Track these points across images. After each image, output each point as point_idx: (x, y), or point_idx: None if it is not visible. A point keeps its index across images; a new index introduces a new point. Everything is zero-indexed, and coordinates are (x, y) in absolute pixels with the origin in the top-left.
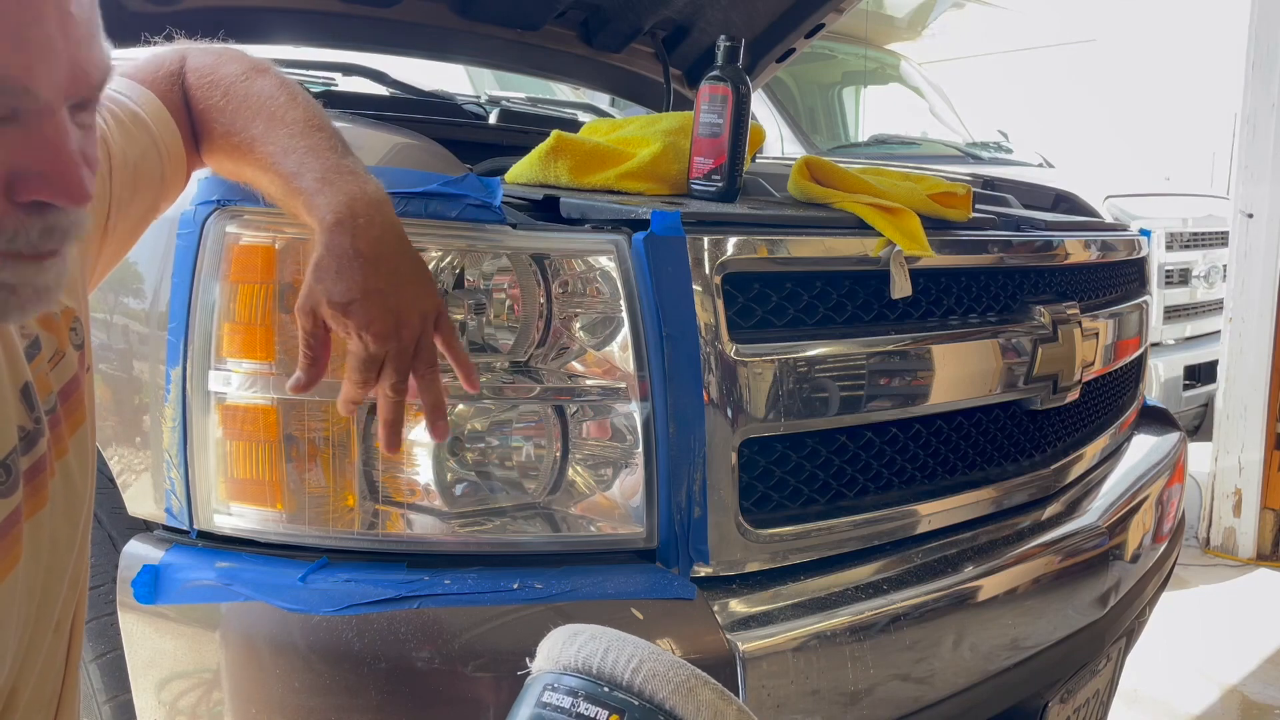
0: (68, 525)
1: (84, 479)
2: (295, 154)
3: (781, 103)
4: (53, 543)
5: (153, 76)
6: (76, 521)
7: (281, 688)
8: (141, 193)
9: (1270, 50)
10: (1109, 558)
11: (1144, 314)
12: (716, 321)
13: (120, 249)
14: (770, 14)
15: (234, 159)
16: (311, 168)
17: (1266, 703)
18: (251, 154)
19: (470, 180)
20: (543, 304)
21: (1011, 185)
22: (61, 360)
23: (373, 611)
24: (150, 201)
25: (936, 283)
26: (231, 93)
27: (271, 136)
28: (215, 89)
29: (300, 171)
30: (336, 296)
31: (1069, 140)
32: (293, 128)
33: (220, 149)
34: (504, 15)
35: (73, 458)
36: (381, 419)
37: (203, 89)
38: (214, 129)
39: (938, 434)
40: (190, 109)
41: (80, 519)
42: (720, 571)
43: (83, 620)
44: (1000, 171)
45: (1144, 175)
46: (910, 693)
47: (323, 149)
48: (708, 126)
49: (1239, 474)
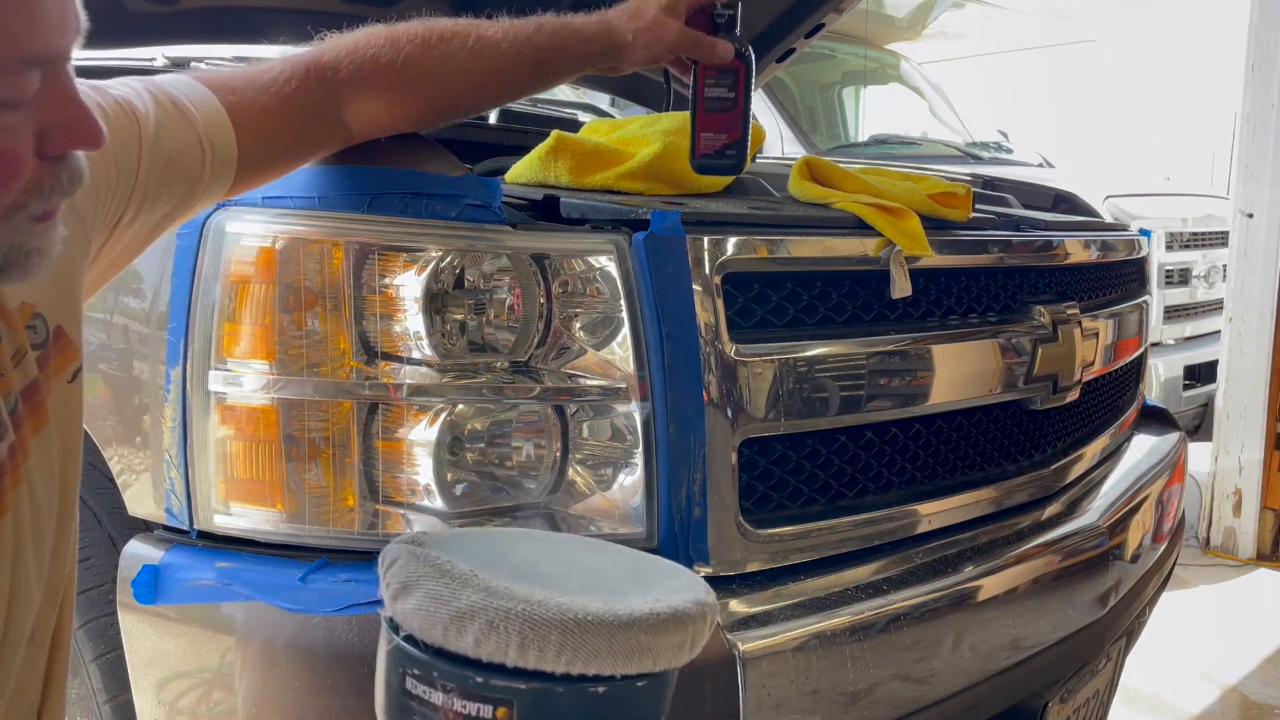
0: (34, 534)
1: (49, 486)
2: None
3: (781, 103)
4: (17, 553)
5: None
6: (44, 530)
7: (282, 687)
8: (172, 185)
9: (1270, 50)
10: (1109, 558)
11: (1144, 314)
12: (716, 321)
13: (137, 244)
14: (770, 14)
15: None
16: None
17: (1266, 703)
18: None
19: (470, 180)
20: (543, 304)
21: (1011, 185)
22: (23, 360)
23: (373, 611)
24: (180, 197)
25: (936, 283)
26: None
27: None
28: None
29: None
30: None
31: (1069, 140)
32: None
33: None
34: None
35: (35, 463)
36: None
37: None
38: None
39: (938, 434)
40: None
41: (48, 527)
42: (720, 571)
43: (67, 632)
44: (1000, 171)
45: (1144, 175)
46: (910, 693)
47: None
48: (717, 101)
49: (1239, 474)
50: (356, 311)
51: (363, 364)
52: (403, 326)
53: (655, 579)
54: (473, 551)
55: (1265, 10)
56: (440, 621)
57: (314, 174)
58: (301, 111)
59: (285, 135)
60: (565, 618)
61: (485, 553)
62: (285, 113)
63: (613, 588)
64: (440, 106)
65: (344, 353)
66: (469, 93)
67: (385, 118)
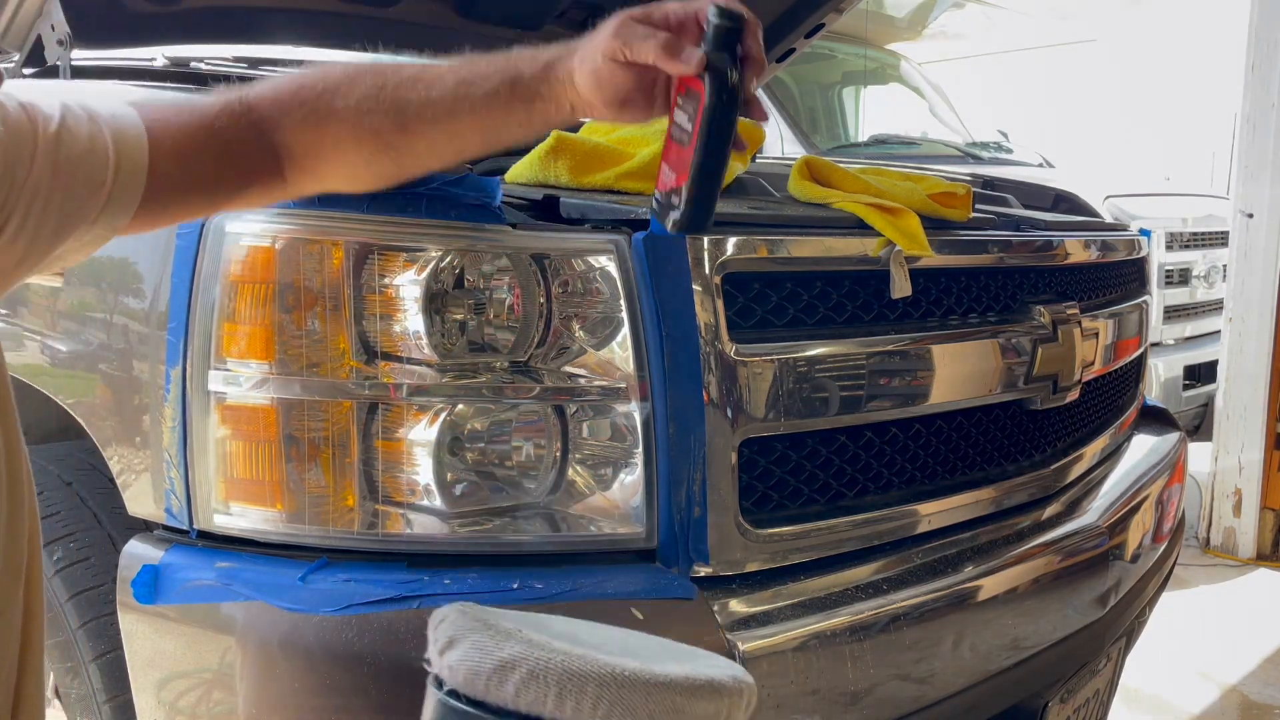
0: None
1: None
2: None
3: (781, 103)
4: None
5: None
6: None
7: (282, 687)
8: (72, 189)
9: (1270, 50)
10: (1109, 558)
11: (1144, 314)
12: (716, 321)
13: (36, 252)
14: (770, 14)
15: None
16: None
17: (1266, 703)
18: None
19: (470, 180)
20: (543, 304)
21: (1011, 185)
22: None
23: (373, 611)
24: (80, 202)
25: (936, 283)
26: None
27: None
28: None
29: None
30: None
31: (1069, 140)
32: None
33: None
34: (504, 15)
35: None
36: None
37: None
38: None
39: (938, 434)
40: (292, 126)
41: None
42: (720, 571)
43: (38, 609)
44: (1000, 171)
45: (1144, 175)
46: (910, 693)
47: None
48: (678, 128)
49: (1239, 474)
50: (356, 311)
51: (362, 364)
52: (402, 326)
53: (694, 656)
54: (518, 617)
55: (1265, 10)
56: (483, 672)
57: None
58: (223, 139)
59: (204, 160)
60: (604, 672)
61: (531, 620)
62: (206, 137)
63: (651, 657)
64: (388, 162)
65: (344, 352)
66: (425, 151)
67: (325, 168)
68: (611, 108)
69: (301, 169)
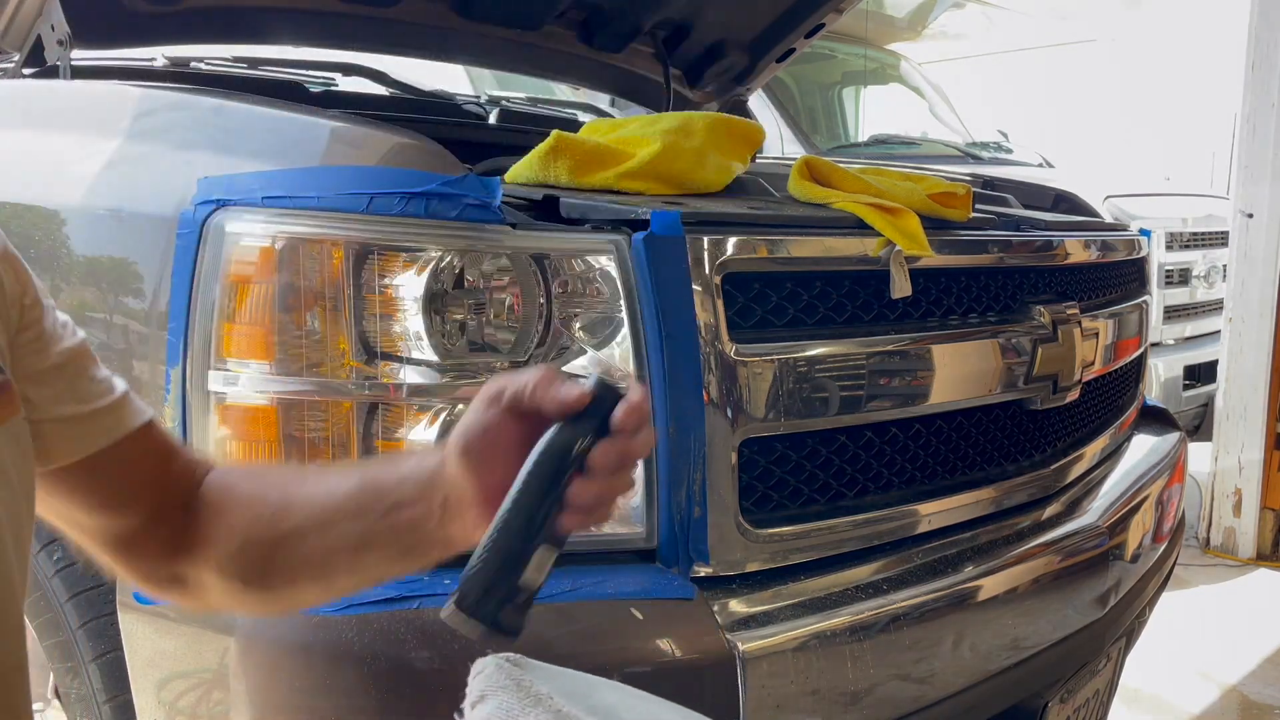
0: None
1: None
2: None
3: (781, 103)
4: None
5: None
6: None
7: (281, 688)
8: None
9: (1270, 50)
10: (1109, 558)
11: (1144, 314)
12: (716, 321)
13: None
14: (770, 14)
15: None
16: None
17: (1266, 703)
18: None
19: (470, 180)
20: (543, 304)
21: (1011, 185)
22: None
23: (373, 611)
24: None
25: (936, 283)
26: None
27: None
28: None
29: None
30: None
31: (1069, 140)
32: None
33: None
34: (504, 15)
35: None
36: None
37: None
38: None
39: (938, 434)
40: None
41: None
42: (720, 571)
43: (17, 618)
44: (1000, 171)
45: (1144, 175)
46: (910, 693)
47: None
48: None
49: (1239, 474)
50: (356, 311)
51: (362, 364)
52: (402, 326)
53: None
54: (560, 682)
55: (1265, 10)
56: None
57: (314, 174)
58: (144, 468)
59: (111, 464)
60: None
61: (572, 686)
62: (132, 448)
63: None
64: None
65: (344, 352)
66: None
67: (214, 567)
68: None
69: (202, 561)
